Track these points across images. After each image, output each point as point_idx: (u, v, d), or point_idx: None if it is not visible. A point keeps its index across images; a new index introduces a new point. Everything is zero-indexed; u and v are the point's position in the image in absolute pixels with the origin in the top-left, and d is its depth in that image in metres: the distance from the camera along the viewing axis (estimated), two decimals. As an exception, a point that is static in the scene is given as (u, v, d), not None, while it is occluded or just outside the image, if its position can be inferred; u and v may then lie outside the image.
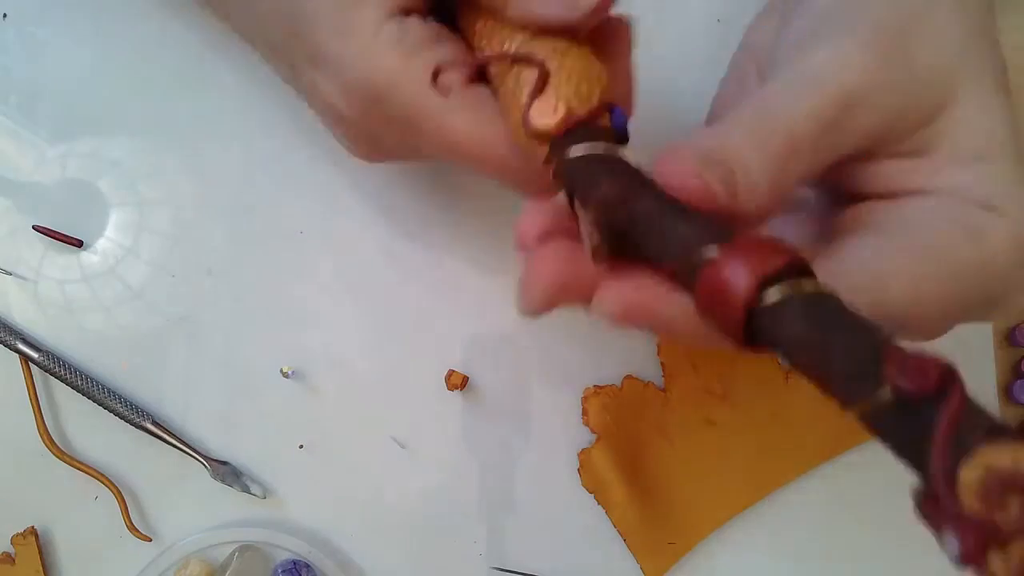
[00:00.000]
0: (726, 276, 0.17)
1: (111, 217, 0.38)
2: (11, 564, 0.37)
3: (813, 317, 0.17)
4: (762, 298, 0.17)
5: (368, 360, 0.38)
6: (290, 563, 0.38)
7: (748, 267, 0.17)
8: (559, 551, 0.39)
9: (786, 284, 0.17)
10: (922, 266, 0.22)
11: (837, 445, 0.38)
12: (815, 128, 0.21)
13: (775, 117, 0.21)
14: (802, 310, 0.17)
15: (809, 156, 0.22)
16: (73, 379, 0.37)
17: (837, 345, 0.16)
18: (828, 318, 0.17)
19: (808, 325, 0.17)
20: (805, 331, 0.17)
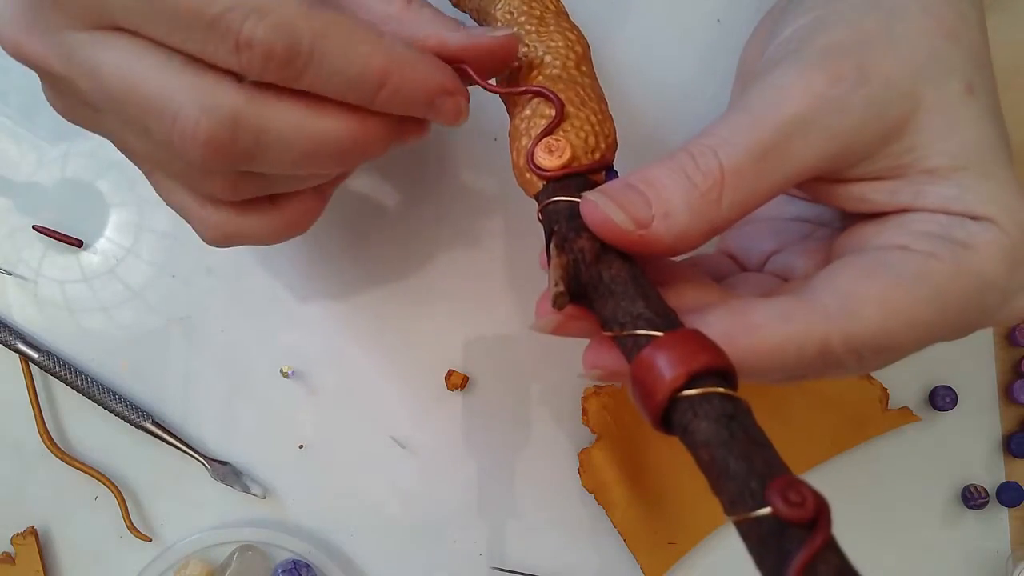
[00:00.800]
0: (657, 364, 0.19)
1: (111, 217, 0.38)
2: (11, 564, 0.37)
3: (720, 424, 0.18)
4: (682, 393, 0.19)
5: (368, 360, 0.38)
6: (290, 563, 0.38)
7: (677, 360, 0.19)
8: (559, 551, 0.39)
9: (705, 385, 0.19)
10: (894, 290, 0.21)
11: (837, 445, 0.38)
12: (748, 161, 0.22)
13: (709, 151, 0.22)
14: (713, 415, 0.18)
15: (745, 187, 0.22)
16: (73, 379, 0.37)
17: (734, 456, 0.18)
18: (733, 428, 0.18)
19: (714, 431, 0.18)
20: (710, 435, 0.18)
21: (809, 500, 0.17)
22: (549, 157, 0.24)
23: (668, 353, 0.19)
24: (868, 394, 0.38)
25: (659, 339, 0.20)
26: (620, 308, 0.21)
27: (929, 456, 0.39)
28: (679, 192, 0.22)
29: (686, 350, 0.19)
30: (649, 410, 0.19)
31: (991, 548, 0.39)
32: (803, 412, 0.38)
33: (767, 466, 0.18)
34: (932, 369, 0.39)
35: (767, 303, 0.21)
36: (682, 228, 0.22)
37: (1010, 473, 0.39)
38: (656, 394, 0.19)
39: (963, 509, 0.39)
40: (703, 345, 0.19)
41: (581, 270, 0.22)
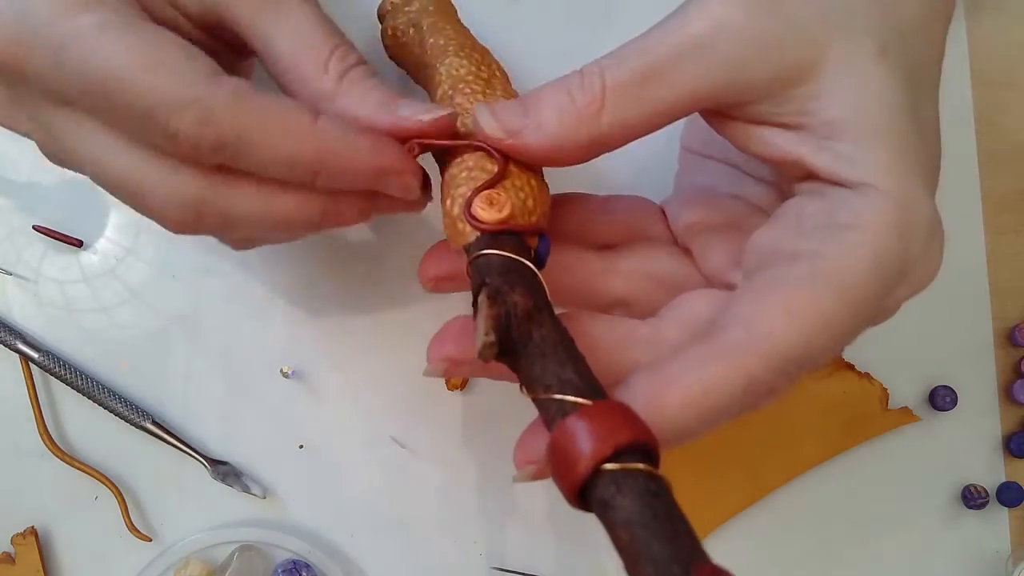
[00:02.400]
0: (583, 431, 0.18)
1: (111, 217, 0.38)
2: (11, 564, 0.37)
3: (644, 502, 0.18)
4: (605, 467, 0.18)
5: (368, 360, 0.38)
6: (290, 563, 0.38)
7: (604, 433, 0.18)
8: (559, 551, 0.39)
9: (628, 461, 0.18)
10: (794, 298, 0.21)
11: (837, 445, 0.38)
12: (630, 79, 0.22)
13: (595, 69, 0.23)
14: (637, 491, 0.18)
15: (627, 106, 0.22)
16: (73, 379, 0.37)
17: (657, 539, 0.17)
18: (657, 508, 0.18)
19: (637, 509, 0.17)
20: (633, 513, 0.17)
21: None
22: (488, 210, 0.23)
23: (594, 424, 0.18)
24: (868, 394, 0.38)
25: (586, 407, 0.19)
26: (548, 370, 0.21)
27: (929, 456, 0.39)
28: (555, 106, 0.23)
29: (613, 422, 0.18)
30: (567, 480, 0.19)
31: (991, 548, 0.39)
32: (803, 412, 0.38)
33: (690, 552, 0.17)
34: (932, 369, 0.39)
35: (681, 357, 0.21)
36: (552, 139, 0.23)
37: (1010, 473, 0.39)
38: (577, 464, 0.18)
39: (963, 509, 0.39)
40: (629, 418, 0.19)
41: (512, 325, 0.21)
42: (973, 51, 0.39)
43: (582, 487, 0.18)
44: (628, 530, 0.17)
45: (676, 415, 0.21)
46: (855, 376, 0.38)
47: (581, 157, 0.24)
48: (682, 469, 0.38)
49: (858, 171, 0.22)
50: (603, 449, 0.18)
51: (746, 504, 0.38)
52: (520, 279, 0.22)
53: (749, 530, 0.39)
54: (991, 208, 0.39)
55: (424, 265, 0.27)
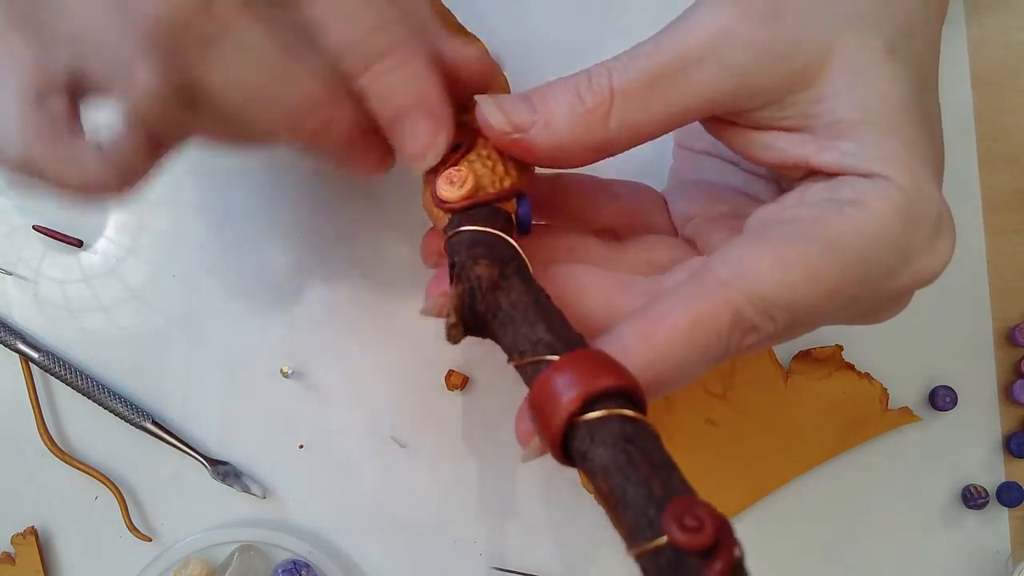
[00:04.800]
0: (556, 385, 0.18)
1: (111, 217, 0.38)
2: (11, 564, 0.37)
3: (618, 449, 0.17)
4: (580, 417, 0.18)
5: (368, 360, 0.38)
6: (290, 563, 0.38)
7: (577, 381, 0.18)
8: (559, 551, 0.39)
9: (607, 408, 0.18)
10: (783, 248, 0.21)
11: (837, 445, 0.38)
12: (637, 85, 0.22)
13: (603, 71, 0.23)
14: (611, 439, 0.17)
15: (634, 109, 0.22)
16: (73, 379, 0.37)
17: (632, 483, 0.17)
18: (631, 452, 0.17)
19: (611, 456, 0.17)
20: (607, 461, 0.17)
21: (707, 524, 0.16)
22: (450, 188, 0.23)
23: (565, 375, 0.18)
24: (868, 394, 0.38)
25: (555, 362, 0.19)
26: (520, 335, 0.20)
27: (929, 456, 0.39)
28: (565, 105, 0.23)
29: (584, 371, 0.18)
30: (547, 438, 0.18)
31: (991, 548, 0.39)
32: (803, 412, 0.38)
33: (665, 490, 0.17)
34: (932, 369, 0.39)
35: (666, 295, 0.21)
36: (560, 139, 0.23)
37: (1010, 473, 0.39)
38: (553, 420, 0.18)
39: (963, 509, 0.39)
40: (602, 365, 0.18)
41: (477, 298, 0.21)
42: (973, 51, 0.39)
43: (563, 441, 0.18)
44: (605, 478, 0.17)
45: (666, 350, 0.21)
46: (855, 376, 0.38)
47: (585, 159, 0.24)
48: (682, 469, 0.38)
49: (866, 164, 0.22)
50: (576, 399, 0.18)
51: (746, 504, 0.38)
52: (485, 250, 0.22)
53: (749, 530, 0.39)
54: (991, 208, 0.39)
55: (425, 241, 0.27)
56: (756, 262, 0.21)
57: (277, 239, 0.38)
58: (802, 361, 0.38)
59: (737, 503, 0.38)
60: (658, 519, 0.16)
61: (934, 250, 0.23)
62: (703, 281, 0.21)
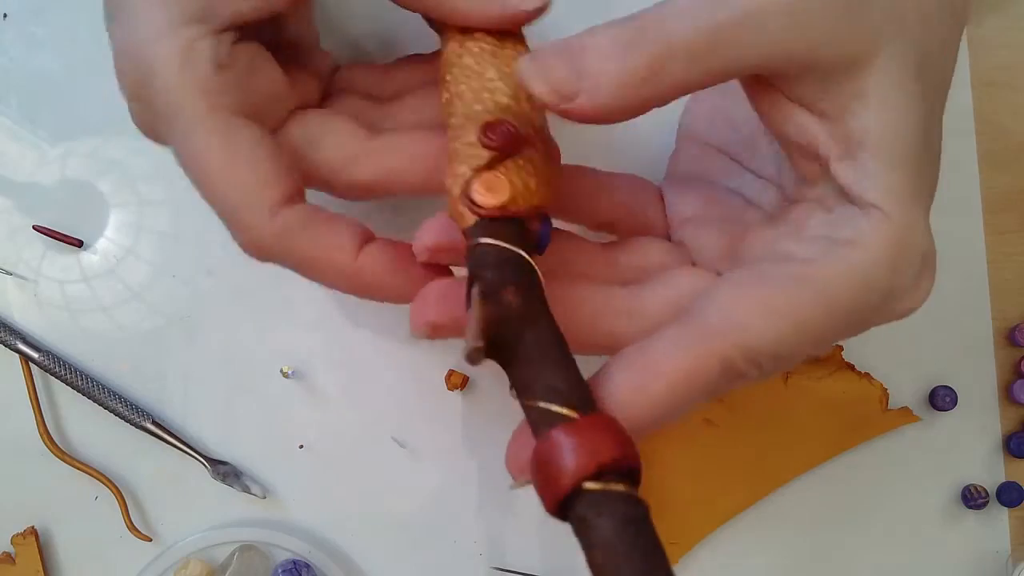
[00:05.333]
0: (566, 449, 0.18)
1: (111, 217, 0.38)
2: (11, 564, 0.37)
3: (622, 528, 0.18)
4: (586, 485, 0.18)
5: (368, 360, 0.38)
6: (290, 563, 0.38)
7: (588, 450, 0.18)
8: (559, 551, 0.39)
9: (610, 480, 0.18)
10: (774, 297, 0.21)
11: (837, 445, 0.38)
12: (699, 36, 0.21)
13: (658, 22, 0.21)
14: (617, 516, 0.18)
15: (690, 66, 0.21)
16: (73, 379, 0.37)
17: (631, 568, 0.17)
18: (633, 536, 0.18)
19: (615, 534, 0.17)
20: (611, 537, 0.17)
21: None
22: (486, 195, 0.22)
23: (579, 440, 0.18)
24: (868, 394, 0.38)
25: (572, 422, 0.19)
26: (538, 377, 0.20)
27: (929, 456, 0.39)
28: (614, 63, 0.21)
29: (598, 439, 0.18)
30: (549, 494, 0.19)
31: (991, 548, 0.39)
32: (803, 413, 0.38)
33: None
34: (932, 369, 0.39)
35: (660, 340, 0.21)
36: (608, 103, 0.21)
37: (1010, 473, 0.39)
38: (560, 479, 0.18)
39: (963, 509, 0.39)
40: (615, 435, 0.19)
41: (504, 327, 0.21)
42: (973, 51, 0.39)
43: (561, 505, 0.19)
44: (604, 552, 0.18)
45: (658, 401, 0.21)
46: (855, 376, 0.38)
47: (631, 116, 0.22)
48: (682, 469, 0.38)
49: (871, 190, 0.22)
50: (586, 467, 0.18)
51: (746, 504, 0.38)
52: (514, 275, 0.21)
53: (749, 530, 0.39)
54: (991, 208, 0.39)
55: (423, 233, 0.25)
56: (747, 313, 0.21)
57: (277, 239, 0.38)
58: (802, 361, 0.38)
59: (737, 503, 0.38)
60: None
61: (916, 290, 0.23)
62: (694, 330, 0.21)
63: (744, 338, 0.21)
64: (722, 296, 0.22)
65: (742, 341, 0.21)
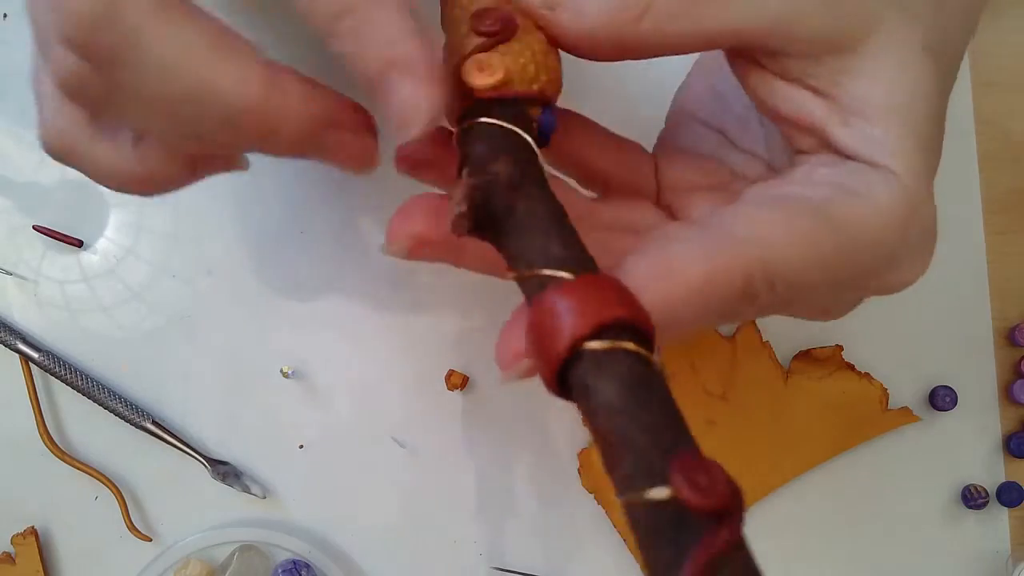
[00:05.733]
0: (564, 306, 0.16)
1: (111, 217, 0.38)
2: (11, 564, 0.37)
3: (628, 386, 0.15)
4: (587, 345, 0.16)
5: (368, 360, 0.38)
6: (290, 563, 0.38)
7: (586, 308, 0.16)
8: (559, 551, 0.39)
9: (613, 341, 0.16)
10: (799, 218, 0.21)
11: (837, 445, 0.38)
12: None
13: None
14: (621, 374, 0.16)
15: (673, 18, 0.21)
16: (73, 379, 0.37)
17: (639, 426, 0.15)
18: (641, 394, 0.15)
19: (618, 393, 0.15)
20: (613, 398, 0.15)
21: (720, 485, 0.14)
22: (479, 75, 0.21)
23: (576, 298, 0.16)
24: (868, 394, 0.38)
25: (569, 282, 0.17)
26: (531, 244, 0.18)
27: (929, 456, 0.39)
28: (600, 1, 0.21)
29: (597, 297, 0.16)
30: (545, 361, 0.16)
31: (991, 548, 0.39)
32: (803, 412, 0.38)
33: (675, 440, 0.15)
34: (932, 369, 0.39)
35: (684, 241, 0.20)
36: (587, 29, 0.21)
37: (1010, 473, 0.39)
38: (555, 342, 0.16)
39: (963, 509, 0.39)
40: (618, 294, 0.17)
41: (493, 195, 0.19)
42: (973, 51, 0.39)
43: (561, 368, 0.16)
44: (608, 417, 0.15)
45: (669, 301, 0.19)
46: (855, 376, 0.38)
47: (607, 56, 0.22)
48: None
49: (882, 155, 0.22)
50: (584, 325, 0.16)
51: (746, 504, 0.38)
52: (508, 147, 0.20)
53: (749, 530, 0.39)
54: (991, 208, 0.39)
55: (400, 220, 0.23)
56: (771, 226, 0.20)
57: (277, 239, 0.38)
58: (802, 361, 0.38)
59: (737, 503, 0.38)
60: (665, 470, 0.14)
61: (916, 260, 0.23)
62: (720, 238, 0.20)
63: (768, 254, 0.20)
64: (747, 211, 0.21)
65: (766, 256, 0.20)
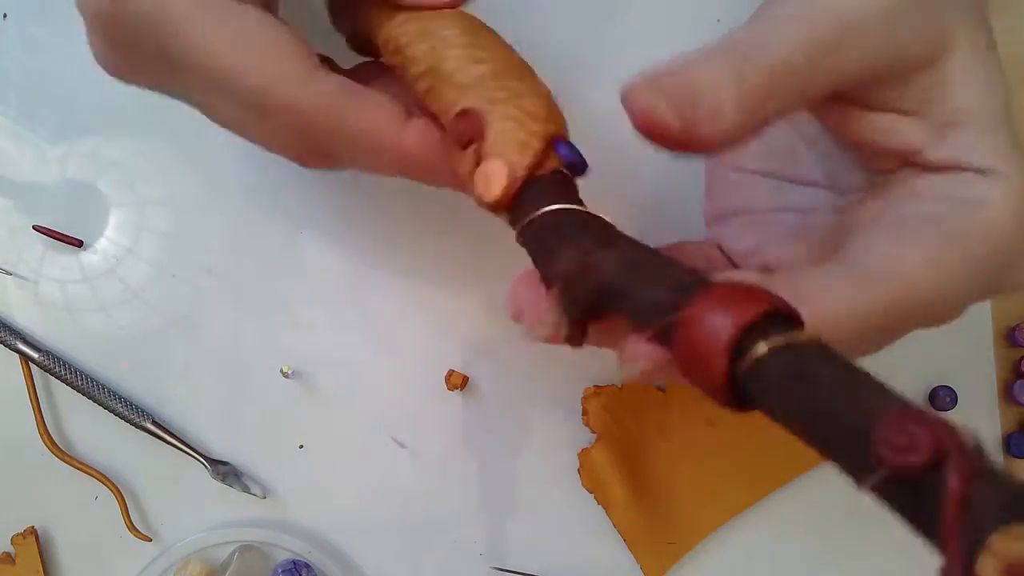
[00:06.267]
0: (702, 331, 0.16)
1: (111, 217, 0.38)
2: (11, 564, 0.37)
3: (797, 375, 0.15)
4: (744, 352, 0.15)
5: (368, 360, 0.38)
6: (290, 563, 0.38)
7: (726, 318, 0.15)
8: (559, 551, 0.39)
9: (770, 335, 0.15)
10: (939, 250, 0.21)
11: (837, 445, 0.38)
12: (802, 57, 0.20)
13: (761, 47, 0.20)
14: (784, 366, 0.15)
15: (793, 87, 0.21)
16: (73, 379, 0.37)
17: (824, 416, 0.14)
18: (812, 375, 0.15)
19: (793, 391, 0.15)
20: (790, 393, 0.15)
21: (922, 440, 0.13)
22: (488, 188, 0.21)
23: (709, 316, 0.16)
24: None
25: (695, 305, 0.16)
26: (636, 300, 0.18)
27: (929, 456, 0.39)
28: (730, 89, 0.20)
29: (729, 304, 0.16)
30: (713, 388, 0.16)
31: (991, 548, 0.39)
32: (803, 412, 0.38)
33: (865, 413, 0.14)
34: (932, 369, 0.39)
35: (819, 275, 0.20)
36: (729, 128, 0.20)
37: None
38: (715, 367, 0.15)
39: (963, 509, 0.39)
40: (746, 293, 0.16)
41: (576, 292, 0.19)
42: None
43: (731, 390, 0.16)
44: (790, 422, 0.15)
45: None
46: (855, 376, 0.38)
47: (745, 142, 0.21)
48: (682, 469, 0.38)
49: (982, 158, 0.21)
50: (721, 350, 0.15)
51: (746, 504, 0.38)
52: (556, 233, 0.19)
53: (749, 530, 0.39)
54: (991, 208, 0.39)
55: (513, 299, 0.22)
56: (914, 266, 0.20)
57: (277, 239, 0.38)
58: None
59: (737, 503, 0.38)
60: (865, 447, 0.13)
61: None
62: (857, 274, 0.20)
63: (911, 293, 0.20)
64: (880, 244, 0.21)
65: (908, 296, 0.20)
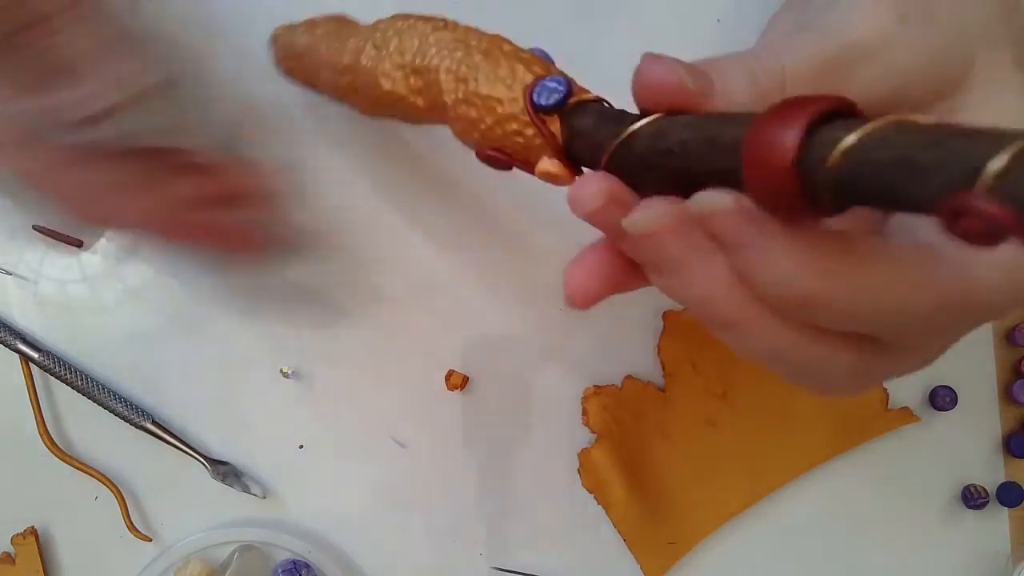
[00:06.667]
0: (770, 134, 0.15)
1: (111, 217, 0.38)
2: (11, 564, 0.37)
3: (889, 144, 0.14)
4: (816, 145, 0.15)
5: (368, 360, 0.38)
6: (290, 563, 0.38)
7: (792, 117, 0.15)
8: (559, 551, 0.39)
9: (842, 123, 0.15)
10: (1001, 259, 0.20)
11: (837, 445, 0.38)
12: (809, 71, 0.21)
13: (772, 55, 0.21)
14: (871, 142, 0.14)
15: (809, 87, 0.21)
16: (73, 379, 0.37)
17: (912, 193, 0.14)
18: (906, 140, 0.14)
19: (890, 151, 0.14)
20: (890, 175, 0.14)
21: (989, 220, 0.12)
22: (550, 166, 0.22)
23: (773, 119, 0.15)
24: (868, 394, 0.38)
25: (760, 117, 0.16)
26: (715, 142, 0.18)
27: (929, 456, 0.39)
28: (743, 83, 0.21)
29: (791, 107, 0.15)
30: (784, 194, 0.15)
31: (991, 548, 0.39)
32: (803, 412, 0.38)
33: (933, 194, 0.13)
34: (932, 369, 0.39)
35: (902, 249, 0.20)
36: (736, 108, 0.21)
37: (1010, 473, 0.39)
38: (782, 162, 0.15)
39: (963, 509, 0.39)
40: (806, 97, 0.16)
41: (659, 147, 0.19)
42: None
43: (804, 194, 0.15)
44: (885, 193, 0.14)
45: None
46: (855, 376, 0.38)
47: None
48: (682, 469, 0.38)
49: None
50: (790, 144, 0.15)
51: (746, 504, 0.38)
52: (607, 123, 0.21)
53: (749, 530, 0.39)
54: (991, 208, 0.39)
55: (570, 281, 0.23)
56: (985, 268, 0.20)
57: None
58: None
59: (737, 503, 0.38)
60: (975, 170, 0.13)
61: None
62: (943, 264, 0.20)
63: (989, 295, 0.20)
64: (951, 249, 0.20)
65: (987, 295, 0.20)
